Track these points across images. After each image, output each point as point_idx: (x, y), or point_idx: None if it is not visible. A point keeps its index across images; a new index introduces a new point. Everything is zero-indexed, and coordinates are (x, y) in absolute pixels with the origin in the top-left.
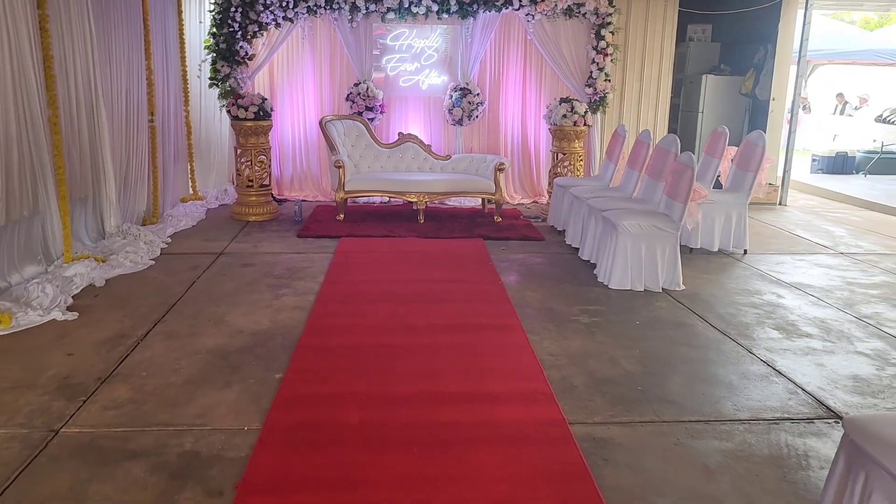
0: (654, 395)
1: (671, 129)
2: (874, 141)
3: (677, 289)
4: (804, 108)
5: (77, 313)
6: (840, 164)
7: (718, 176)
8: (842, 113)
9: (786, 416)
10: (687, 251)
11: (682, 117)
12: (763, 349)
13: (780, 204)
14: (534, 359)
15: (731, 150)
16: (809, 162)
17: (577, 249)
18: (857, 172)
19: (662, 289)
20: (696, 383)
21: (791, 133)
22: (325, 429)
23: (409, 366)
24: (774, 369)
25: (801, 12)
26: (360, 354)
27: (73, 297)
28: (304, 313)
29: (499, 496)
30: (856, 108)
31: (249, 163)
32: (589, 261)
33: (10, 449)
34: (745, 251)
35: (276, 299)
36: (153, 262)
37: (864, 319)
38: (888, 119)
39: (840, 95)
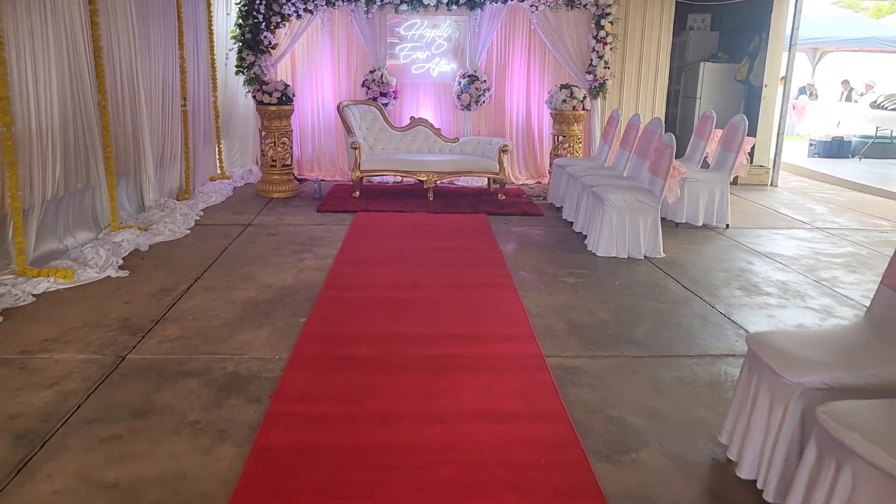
0: (621, 337)
1: (671, 115)
2: (878, 128)
3: (658, 256)
4: (811, 94)
5: (128, 271)
6: (836, 149)
7: (706, 157)
8: (848, 99)
9: (730, 353)
10: (673, 225)
11: (681, 103)
12: (724, 304)
13: (771, 185)
14: (522, 310)
15: (719, 133)
16: (807, 146)
17: (572, 223)
18: (853, 156)
19: (644, 256)
20: (660, 329)
21: (782, 117)
22: (343, 359)
23: (415, 314)
24: (730, 320)
25: (792, 1)
26: (373, 305)
27: (122, 258)
28: (324, 273)
29: (482, 405)
30: (861, 95)
31: (273, 144)
32: (581, 233)
33: (89, 368)
34: (728, 225)
35: (299, 262)
36: (189, 232)
37: (822, 282)
38: (882, 105)
39: (846, 82)
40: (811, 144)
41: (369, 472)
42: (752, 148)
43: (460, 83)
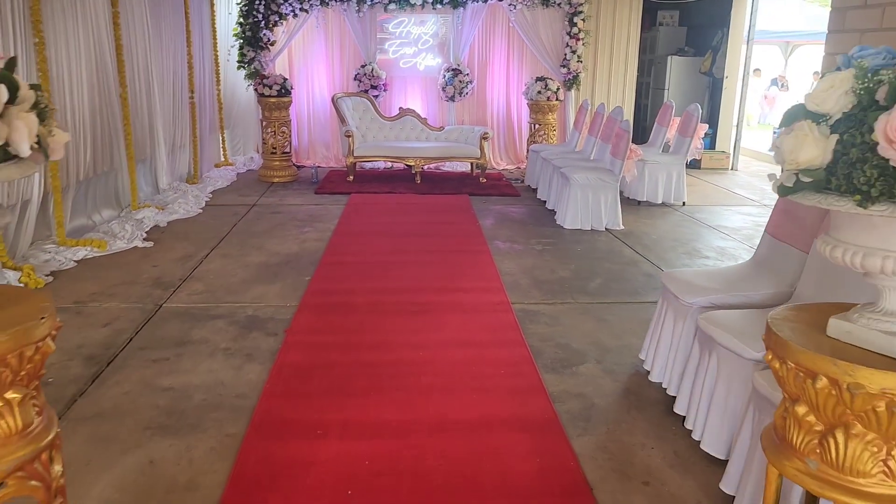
0: (576, 289)
1: (642, 105)
2: None
3: (617, 228)
4: (782, 86)
5: (152, 243)
6: None
7: (667, 141)
8: None
9: None
10: (635, 203)
11: (652, 94)
12: (668, 265)
13: (731, 169)
14: (494, 270)
15: (678, 121)
16: (772, 134)
17: (545, 202)
18: None
19: (605, 228)
20: (610, 283)
21: (741, 105)
22: (342, 305)
23: (403, 273)
24: None
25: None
26: (367, 266)
27: (145, 232)
28: (324, 243)
29: (457, 336)
30: None
31: (273, 133)
32: (553, 210)
33: (133, 313)
34: (684, 203)
35: (302, 234)
36: (201, 211)
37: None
38: None
39: (816, 74)
40: (775, 132)
41: (367, 379)
42: (714, 133)
43: (445, 76)
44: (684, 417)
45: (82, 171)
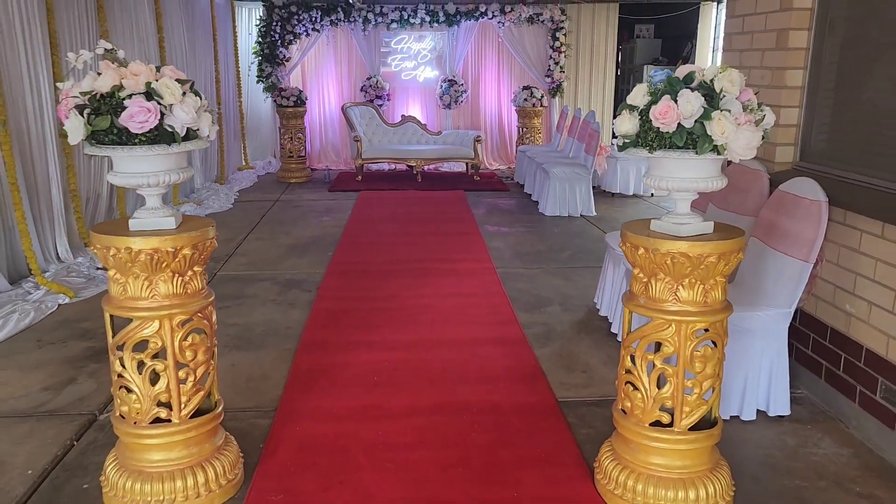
0: (550, 259)
1: (620, 111)
2: None
3: (590, 214)
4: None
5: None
6: None
7: None
8: None
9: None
10: (609, 195)
11: None
12: None
13: None
14: (484, 246)
15: None
16: None
17: (531, 195)
18: None
19: (581, 214)
20: (578, 254)
21: None
22: (359, 272)
23: (408, 249)
24: None
25: (713, 13)
26: (377, 245)
27: None
28: (341, 228)
29: (452, 290)
30: None
31: (290, 139)
32: (536, 201)
33: None
34: (652, 194)
35: (321, 222)
36: (232, 206)
37: None
38: None
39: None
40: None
41: (383, 318)
42: None
43: (442, 86)
44: (618, 334)
45: None
